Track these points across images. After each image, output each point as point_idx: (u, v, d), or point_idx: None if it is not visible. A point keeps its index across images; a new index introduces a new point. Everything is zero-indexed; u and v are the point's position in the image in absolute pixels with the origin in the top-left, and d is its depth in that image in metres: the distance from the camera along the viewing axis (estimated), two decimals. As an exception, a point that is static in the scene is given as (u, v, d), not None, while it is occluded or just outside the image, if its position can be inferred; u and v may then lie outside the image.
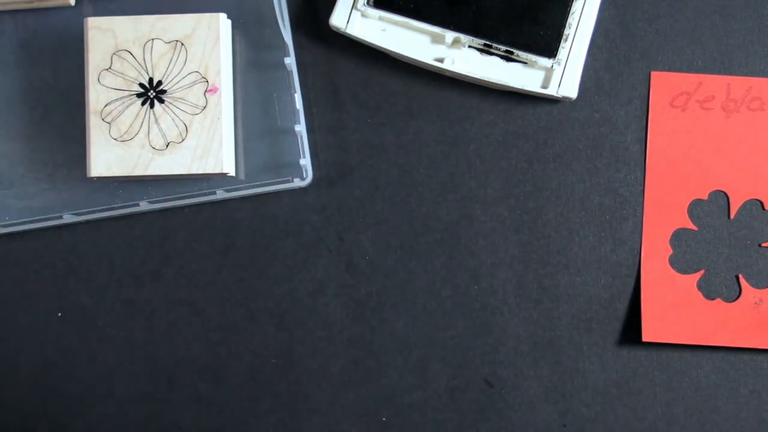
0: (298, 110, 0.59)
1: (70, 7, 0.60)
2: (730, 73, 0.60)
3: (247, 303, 0.61)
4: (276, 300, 0.61)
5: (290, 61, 0.59)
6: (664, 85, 0.60)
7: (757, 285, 0.60)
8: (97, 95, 0.56)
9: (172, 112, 0.56)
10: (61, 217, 0.59)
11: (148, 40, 0.56)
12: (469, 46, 0.58)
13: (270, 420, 0.61)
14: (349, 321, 0.61)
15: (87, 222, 0.60)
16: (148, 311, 0.61)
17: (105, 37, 0.56)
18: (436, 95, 0.61)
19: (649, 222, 0.60)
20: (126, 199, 0.59)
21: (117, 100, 0.56)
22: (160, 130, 0.56)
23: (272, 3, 0.59)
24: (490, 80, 0.58)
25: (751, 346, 0.59)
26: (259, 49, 0.60)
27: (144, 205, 0.60)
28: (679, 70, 0.60)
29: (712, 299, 0.60)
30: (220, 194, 0.59)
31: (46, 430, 0.61)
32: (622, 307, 0.60)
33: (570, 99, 0.59)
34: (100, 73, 0.56)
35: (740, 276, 0.60)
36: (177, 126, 0.56)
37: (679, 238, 0.60)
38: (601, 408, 0.60)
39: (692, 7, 0.61)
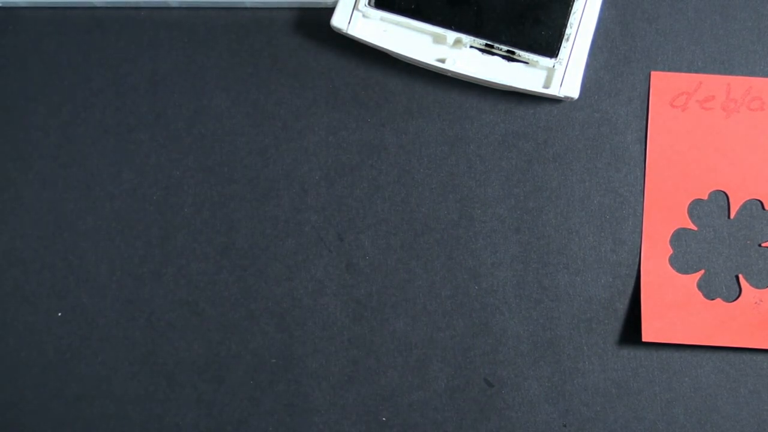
0: None
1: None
2: (730, 73, 0.60)
3: (247, 303, 0.61)
4: (276, 300, 0.61)
5: None
6: (664, 85, 0.60)
7: (757, 285, 0.60)
8: None
9: None
10: None
11: None
12: (471, 47, 0.58)
13: (270, 420, 0.61)
14: (349, 321, 0.61)
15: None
16: (148, 311, 0.61)
17: None
18: (436, 95, 0.61)
19: (649, 222, 0.60)
20: None
21: None
22: None
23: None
24: (492, 81, 0.58)
25: (751, 346, 0.59)
26: None
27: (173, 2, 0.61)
28: (679, 70, 0.61)
29: (712, 299, 0.60)
30: None
31: (46, 430, 0.61)
32: (622, 307, 0.60)
33: (572, 99, 0.59)
34: None
35: (740, 276, 0.60)
36: None
37: (679, 238, 0.60)
38: (601, 408, 0.60)
39: (692, 7, 0.61)
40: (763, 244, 0.60)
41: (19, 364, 0.61)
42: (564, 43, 0.58)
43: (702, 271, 0.60)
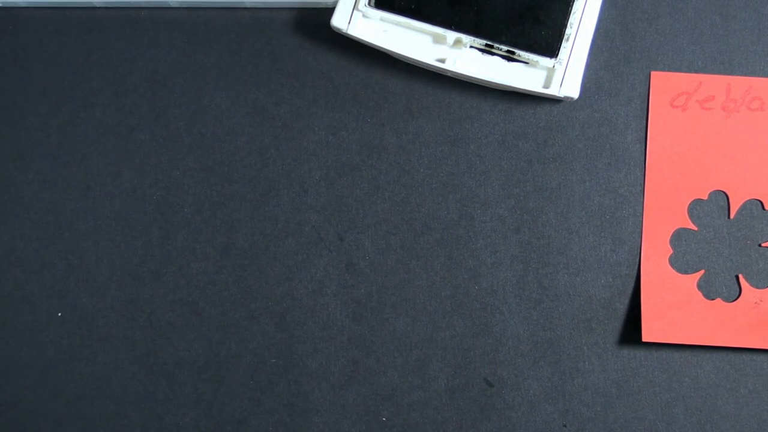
0: None
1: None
2: (730, 73, 0.60)
3: (247, 303, 0.61)
4: (276, 300, 0.61)
5: None
6: (664, 85, 0.60)
7: (757, 285, 0.60)
8: None
9: None
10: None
11: None
12: (471, 47, 0.58)
13: (270, 420, 0.61)
14: (349, 321, 0.61)
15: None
16: (148, 311, 0.61)
17: None
18: (436, 95, 0.61)
19: (649, 222, 0.60)
20: None
21: None
22: None
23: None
24: (492, 81, 0.58)
25: (751, 346, 0.59)
26: None
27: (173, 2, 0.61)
28: (679, 70, 0.61)
29: (712, 299, 0.60)
30: None
31: (46, 430, 0.61)
32: (622, 307, 0.60)
33: (572, 99, 0.59)
34: None
35: (740, 276, 0.60)
36: None
37: (679, 238, 0.60)
38: (601, 408, 0.60)
39: (692, 7, 0.61)
40: (763, 244, 0.60)
41: (19, 364, 0.61)
42: (564, 43, 0.58)
43: (702, 271, 0.60)
